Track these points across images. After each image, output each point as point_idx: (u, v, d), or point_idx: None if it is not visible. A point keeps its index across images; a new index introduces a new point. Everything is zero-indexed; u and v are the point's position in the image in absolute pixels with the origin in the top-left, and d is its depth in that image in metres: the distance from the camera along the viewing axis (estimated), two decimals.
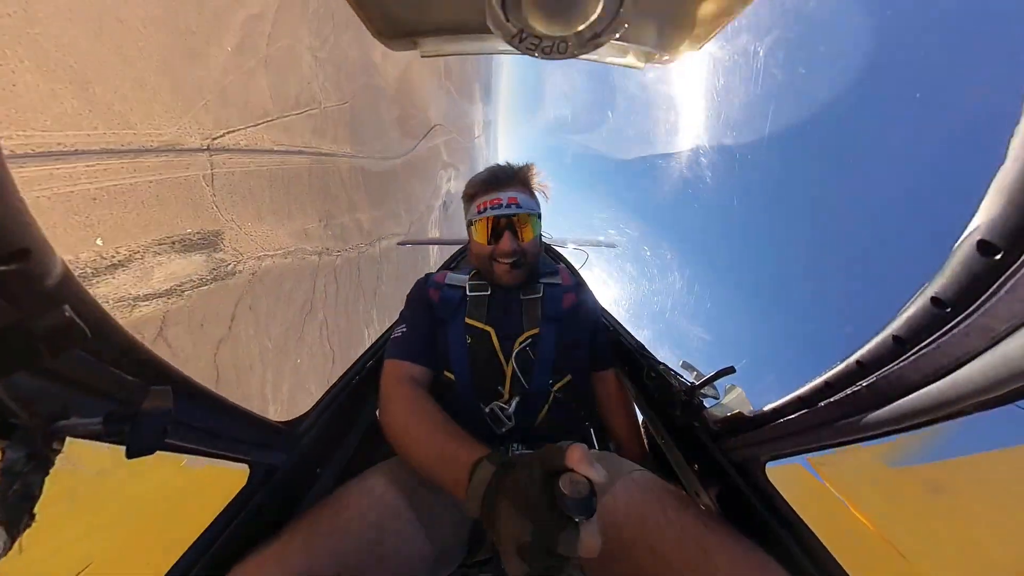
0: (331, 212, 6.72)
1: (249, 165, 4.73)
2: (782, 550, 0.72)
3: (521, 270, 1.16)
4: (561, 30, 0.35)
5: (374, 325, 7.87)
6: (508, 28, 0.31)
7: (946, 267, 0.42)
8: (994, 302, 0.37)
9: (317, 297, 6.08)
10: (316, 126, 6.33)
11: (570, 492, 0.52)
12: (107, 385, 0.47)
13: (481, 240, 1.16)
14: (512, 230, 1.12)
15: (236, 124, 4.54)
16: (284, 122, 5.47)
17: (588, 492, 0.52)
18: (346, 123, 7.43)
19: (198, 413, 0.64)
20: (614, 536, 0.74)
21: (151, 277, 3.36)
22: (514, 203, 1.11)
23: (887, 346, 0.51)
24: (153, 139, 3.50)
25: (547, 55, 0.34)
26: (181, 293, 3.63)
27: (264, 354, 4.68)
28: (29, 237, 0.35)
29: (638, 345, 1.54)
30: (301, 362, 5.46)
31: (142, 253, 3.31)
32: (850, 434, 0.59)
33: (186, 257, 3.76)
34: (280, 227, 5.26)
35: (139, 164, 3.35)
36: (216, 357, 3.95)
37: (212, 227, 4.14)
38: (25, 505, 0.35)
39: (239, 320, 4.33)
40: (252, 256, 4.68)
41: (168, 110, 3.65)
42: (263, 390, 4.64)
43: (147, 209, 3.40)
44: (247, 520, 0.79)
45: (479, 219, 1.14)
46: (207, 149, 4.10)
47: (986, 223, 0.37)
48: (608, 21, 0.33)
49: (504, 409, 1.08)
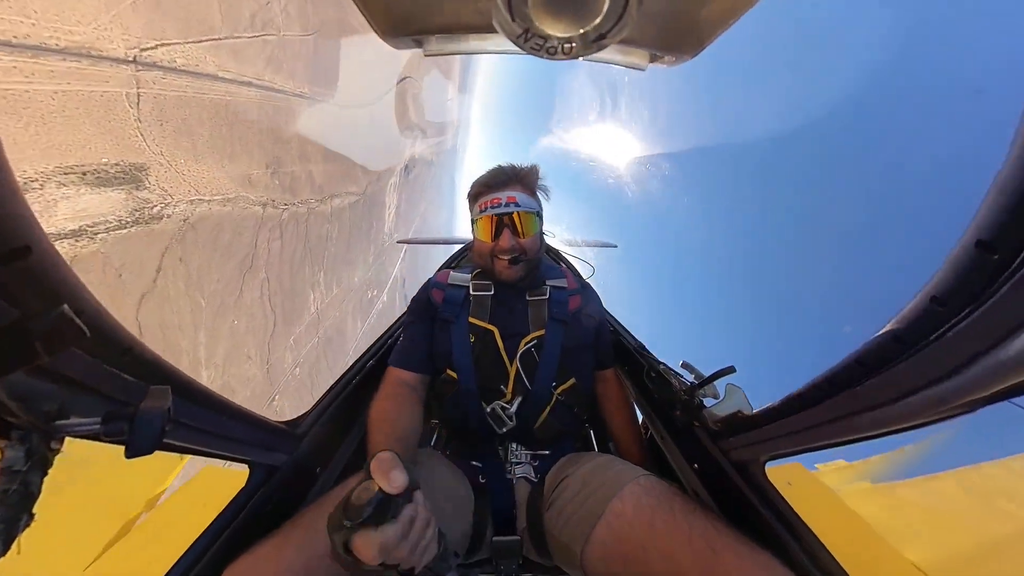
0: (280, 159, 5.78)
1: (186, 90, 3.87)
2: (782, 550, 0.72)
3: (520, 266, 1.19)
4: (567, 30, 0.35)
5: (320, 288, 7.16)
6: (513, 28, 0.31)
7: (946, 266, 0.42)
8: (993, 301, 0.37)
9: (260, 253, 5.30)
10: (272, 56, 5.34)
11: (353, 499, 0.56)
12: (106, 385, 0.47)
13: (482, 237, 1.20)
14: (512, 228, 1.15)
15: (173, 37, 3.66)
16: (233, 45, 4.48)
17: (365, 500, 0.55)
18: (308, 58, 6.31)
19: (197, 413, 0.64)
20: (625, 540, 0.74)
21: (53, 212, 2.71)
22: (513, 202, 1.15)
23: (887, 345, 0.51)
24: (60, 37, 2.69)
25: (552, 55, 0.34)
26: (93, 235, 2.98)
27: (197, 313, 4.08)
28: (30, 235, 0.35)
29: (638, 345, 1.54)
30: (239, 324, 4.82)
31: (41, 182, 2.62)
32: (851, 433, 0.59)
33: (100, 192, 3.04)
34: (220, 169, 4.45)
35: (38, 65, 2.57)
36: (138, 314, 3.40)
37: (135, 160, 3.35)
38: (24, 505, 0.35)
39: (167, 273, 3.70)
40: (184, 200, 3.92)
41: (83, 2, 2.84)
42: (195, 352, 4.13)
43: (49, 126, 2.66)
44: (247, 520, 0.79)
45: (481, 217, 1.18)
46: (133, 61, 3.26)
47: (985, 222, 0.37)
48: (614, 22, 0.33)
49: (506, 409, 1.09)
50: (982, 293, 0.39)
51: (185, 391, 0.62)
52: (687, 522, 0.72)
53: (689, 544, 0.68)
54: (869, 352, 0.55)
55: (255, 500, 0.82)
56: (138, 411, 0.43)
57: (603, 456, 1.02)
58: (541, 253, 1.28)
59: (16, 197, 0.33)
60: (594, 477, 0.92)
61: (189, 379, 0.62)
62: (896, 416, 0.51)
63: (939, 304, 0.43)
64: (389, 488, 0.56)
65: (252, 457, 0.82)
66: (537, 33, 0.38)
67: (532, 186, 1.24)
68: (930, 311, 0.44)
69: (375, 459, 0.59)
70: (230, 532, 0.76)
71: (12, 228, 0.34)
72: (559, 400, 1.14)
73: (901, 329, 0.49)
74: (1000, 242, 0.36)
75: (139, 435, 0.42)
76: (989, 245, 0.37)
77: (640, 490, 0.81)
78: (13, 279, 0.35)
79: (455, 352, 1.15)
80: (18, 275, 0.35)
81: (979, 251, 0.38)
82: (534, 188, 1.25)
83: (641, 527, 0.74)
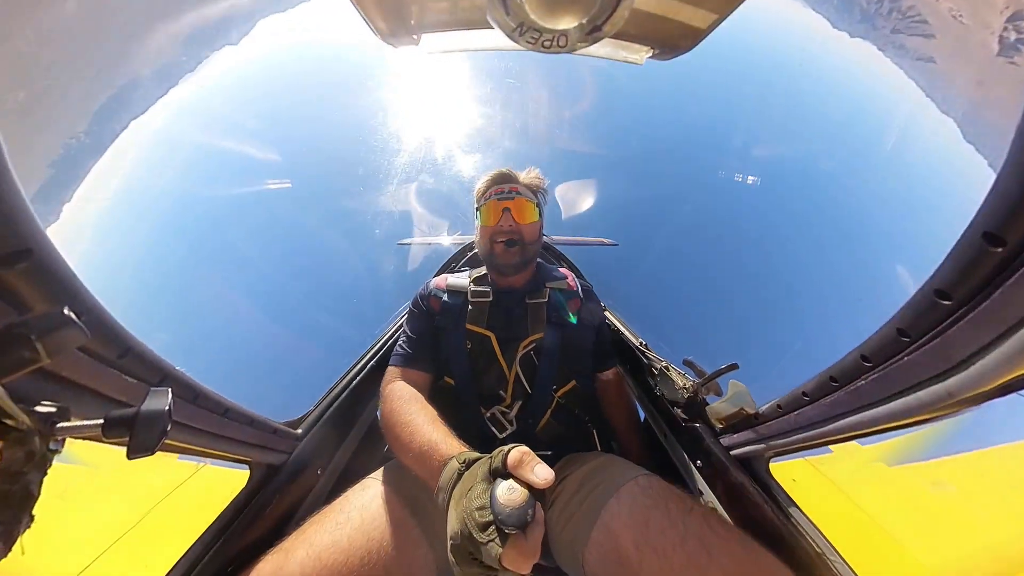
0: None
1: None
2: (787, 547, 0.72)
3: (516, 249, 1.20)
4: (561, 23, 0.35)
5: None
6: (508, 22, 0.31)
7: (950, 259, 0.42)
8: (1000, 293, 0.37)
9: None
10: None
11: (504, 500, 0.49)
12: (106, 386, 0.47)
13: (483, 223, 1.24)
14: (512, 212, 1.21)
15: None
16: None
17: (522, 502, 0.49)
18: None
19: (198, 414, 0.64)
20: (621, 540, 0.74)
21: None
22: (515, 191, 1.22)
23: (891, 339, 0.51)
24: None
25: (547, 49, 0.34)
26: None
27: None
28: (31, 237, 0.35)
29: (640, 343, 1.54)
30: None
31: None
32: (856, 429, 0.59)
33: None
34: None
35: None
36: None
37: None
38: (25, 505, 0.35)
39: None
40: None
41: None
42: None
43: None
44: (247, 521, 0.79)
45: (484, 204, 1.24)
46: None
47: (992, 214, 0.37)
48: (608, 14, 0.33)
49: (505, 413, 1.09)
50: (988, 285, 0.38)
51: (185, 392, 0.61)
52: (683, 523, 0.72)
53: (683, 545, 0.68)
54: (873, 347, 0.54)
55: (255, 501, 0.82)
56: (139, 412, 0.43)
57: (603, 456, 1.01)
58: (538, 245, 1.29)
59: (17, 199, 0.33)
60: (593, 477, 0.92)
61: (189, 380, 0.62)
62: (901, 411, 0.51)
63: (943, 298, 0.43)
64: (540, 483, 0.51)
65: (252, 457, 0.82)
66: (532, 27, 0.38)
67: (533, 185, 1.29)
68: (934, 304, 0.44)
69: (514, 454, 0.53)
70: (231, 533, 0.76)
71: (14, 230, 0.33)
72: (560, 403, 1.14)
73: (904, 324, 0.49)
74: (1008, 233, 0.36)
75: (140, 436, 0.42)
76: (996, 237, 0.37)
77: (638, 490, 0.81)
78: (15, 281, 0.35)
79: (451, 359, 1.15)
80: (19, 277, 0.35)
81: (985, 243, 0.37)
82: (535, 187, 1.29)
83: (636, 528, 0.74)
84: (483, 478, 0.57)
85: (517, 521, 0.48)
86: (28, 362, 0.34)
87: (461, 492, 0.58)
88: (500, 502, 0.49)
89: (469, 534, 0.50)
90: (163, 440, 0.45)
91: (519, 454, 0.55)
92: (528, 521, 0.48)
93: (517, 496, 0.50)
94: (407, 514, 0.83)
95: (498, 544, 0.48)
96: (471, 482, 0.58)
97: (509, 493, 0.50)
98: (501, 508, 0.49)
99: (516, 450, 0.56)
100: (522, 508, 0.49)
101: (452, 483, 0.63)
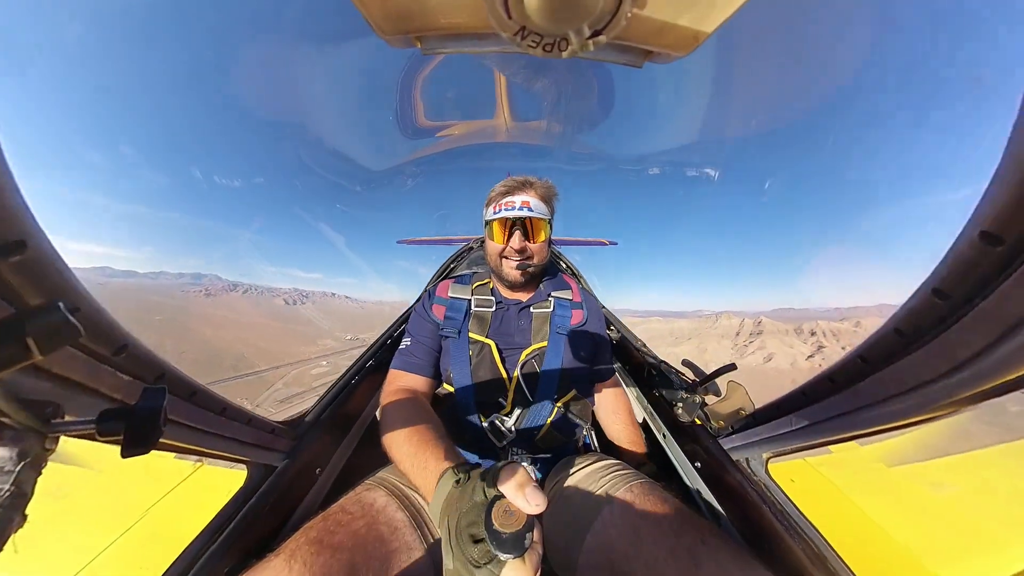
0: None
1: None
2: (786, 548, 0.72)
3: (527, 270, 1.20)
4: (563, 27, 0.35)
5: None
6: (509, 25, 0.31)
7: (947, 258, 0.42)
8: (999, 292, 0.37)
9: None
10: None
11: (500, 525, 0.47)
12: (101, 383, 0.46)
13: (493, 239, 1.22)
14: (523, 230, 1.17)
15: None
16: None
17: (519, 528, 0.46)
18: None
19: (194, 413, 0.63)
20: (612, 548, 0.74)
21: None
22: (527, 206, 1.17)
23: (890, 340, 0.51)
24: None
25: (548, 53, 0.33)
26: None
27: None
28: (25, 229, 0.34)
29: (639, 344, 1.54)
30: None
31: None
32: (854, 430, 0.59)
33: None
34: None
35: None
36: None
37: None
38: (17, 505, 0.35)
39: None
40: None
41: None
42: None
43: None
44: (245, 523, 0.78)
45: (494, 219, 1.20)
46: None
47: (990, 212, 0.36)
48: (609, 18, 0.32)
49: (505, 422, 1.09)
50: (986, 284, 0.38)
51: (181, 390, 0.61)
52: (673, 531, 0.71)
53: (672, 555, 0.68)
54: (871, 348, 0.54)
55: (253, 501, 0.82)
56: (134, 410, 0.42)
57: (600, 460, 1.01)
58: (547, 261, 1.29)
59: (11, 191, 0.33)
60: (587, 483, 0.92)
61: (186, 378, 0.61)
62: (900, 412, 0.50)
63: (941, 297, 0.43)
64: (532, 509, 0.48)
65: (249, 457, 0.82)
66: (533, 31, 0.38)
67: (545, 196, 1.25)
68: (932, 304, 0.44)
69: (507, 472, 0.51)
70: (227, 534, 0.75)
71: (7, 222, 0.33)
72: (560, 412, 1.14)
73: (903, 324, 0.49)
74: (1006, 232, 0.36)
75: (135, 435, 0.42)
76: (994, 236, 0.36)
77: (631, 497, 0.81)
78: (7, 274, 0.34)
79: (452, 367, 1.16)
80: (12, 270, 0.34)
81: (983, 242, 0.37)
82: (547, 198, 1.25)
83: (628, 535, 0.74)
84: (478, 496, 0.55)
85: (515, 548, 0.46)
86: (20, 358, 0.33)
87: (456, 509, 0.57)
88: (496, 527, 0.47)
89: (464, 562, 0.48)
90: (158, 439, 0.44)
91: (511, 476, 0.53)
92: (527, 548, 0.46)
93: (514, 520, 0.47)
94: (406, 521, 0.83)
95: (494, 573, 0.46)
96: (466, 501, 0.56)
97: (506, 516, 0.48)
98: (497, 533, 0.46)
99: (507, 470, 0.54)
100: (520, 533, 0.46)
101: (446, 498, 0.63)
